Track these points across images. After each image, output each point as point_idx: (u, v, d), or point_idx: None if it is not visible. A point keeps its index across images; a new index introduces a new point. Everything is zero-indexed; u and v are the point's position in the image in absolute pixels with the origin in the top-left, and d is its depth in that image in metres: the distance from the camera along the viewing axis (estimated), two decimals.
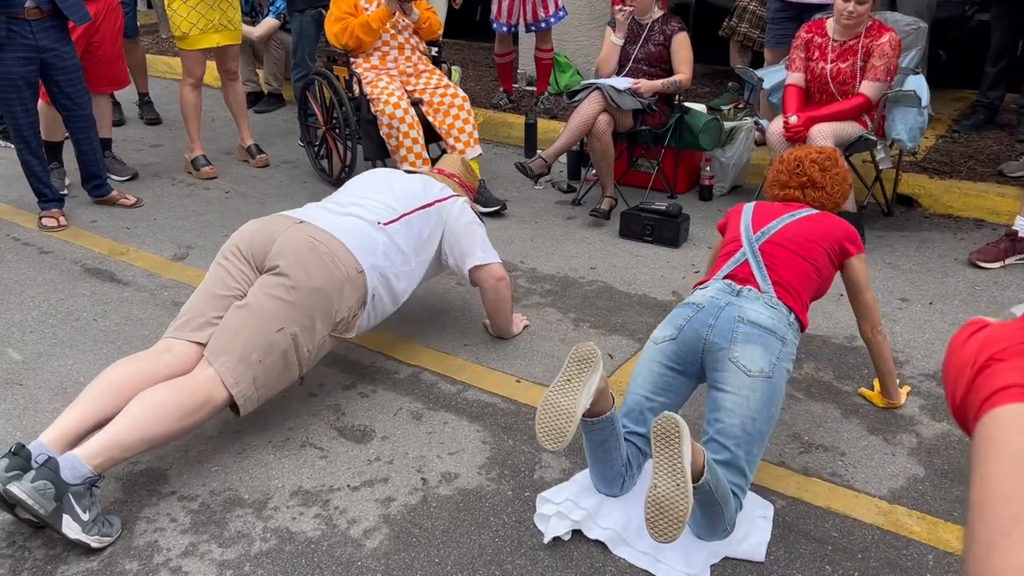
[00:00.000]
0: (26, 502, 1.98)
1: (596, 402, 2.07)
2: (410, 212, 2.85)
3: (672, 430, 1.87)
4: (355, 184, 2.99)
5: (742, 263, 2.35)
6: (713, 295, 2.25)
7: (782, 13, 4.66)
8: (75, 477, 2.06)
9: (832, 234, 2.40)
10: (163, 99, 6.47)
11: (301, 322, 2.46)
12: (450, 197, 3.00)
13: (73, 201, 4.53)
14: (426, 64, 4.60)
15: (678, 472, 1.84)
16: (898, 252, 3.91)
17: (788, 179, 2.56)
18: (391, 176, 3.02)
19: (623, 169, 4.69)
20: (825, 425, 2.63)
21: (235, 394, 2.34)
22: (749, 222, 2.45)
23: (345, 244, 2.62)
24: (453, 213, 2.96)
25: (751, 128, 4.65)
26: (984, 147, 4.92)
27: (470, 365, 2.99)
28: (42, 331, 3.23)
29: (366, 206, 2.81)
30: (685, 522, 1.82)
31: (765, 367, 2.10)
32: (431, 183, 3.02)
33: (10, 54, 3.85)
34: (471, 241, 2.94)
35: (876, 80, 3.76)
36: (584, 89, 4.24)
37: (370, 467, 2.45)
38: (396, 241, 2.76)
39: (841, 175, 2.55)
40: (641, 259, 3.88)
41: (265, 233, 2.59)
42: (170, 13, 4.69)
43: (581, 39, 6.41)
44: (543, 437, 1.97)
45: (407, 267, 2.80)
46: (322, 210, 2.78)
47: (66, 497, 2.04)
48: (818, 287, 2.39)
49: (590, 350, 2.05)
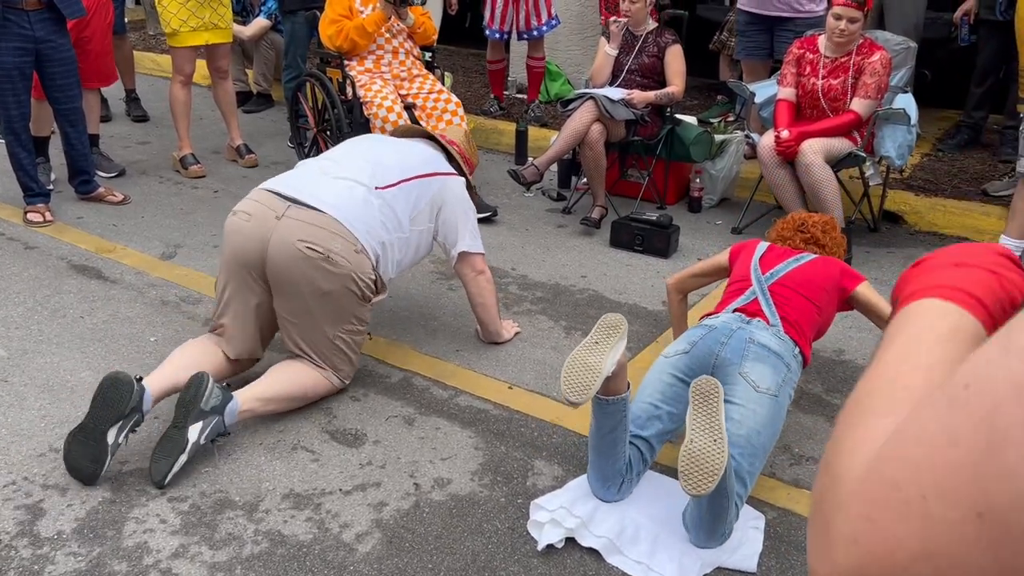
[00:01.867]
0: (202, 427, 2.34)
1: (616, 375, 2.11)
2: (411, 179, 2.82)
3: (712, 390, 1.95)
4: (360, 144, 2.95)
5: (752, 300, 2.45)
6: (725, 320, 2.35)
7: (752, 26, 4.72)
8: (229, 422, 2.42)
9: (830, 275, 2.52)
10: (150, 96, 6.41)
11: (337, 317, 2.63)
12: (454, 174, 2.99)
13: (59, 197, 4.48)
14: (420, 69, 4.60)
15: (716, 427, 1.90)
16: (884, 268, 3.96)
17: (792, 235, 2.70)
18: (398, 140, 3.04)
19: (614, 179, 4.71)
20: (815, 437, 2.65)
21: (343, 383, 2.76)
22: (758, 263, 2.56)
23: (340, 220, 2.58)
24: (455, 191, 2.94)
25: (741, 141, 4.70)
26: (968, 166, 4.99)
27: (462, 371, 2.98)
28: (28, 327, 3.19)
29: (364, 168, 2.76)
30: (719, 476, 1.86)
31: (772, 386, 2.17)
32: (437, 154, 3.02)
33: (5, 44, 3.81)
34: (464, 225, 2.93)
35: (867, 97, 3.81)
36: (578, 98, 4.26)
37: (362, 471, 2.44)
38: (393, 206, 2.73)
39: (839, 239, 2.72)
40: (631, 268, 3.90)
41: (255, 240, 2.56)
42: (160, 10, 4.65)
43: (573, 48, 6.43)
44: (568, 389, 2.01)
45: (402, 234, 2.77)
46: (317, 173, 2.74)
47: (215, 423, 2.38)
48: (820, 326, 2.50)
49: (619, 319, 2.13)
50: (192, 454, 2.35)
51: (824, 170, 3.77)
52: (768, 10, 4.57)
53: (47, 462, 2.43)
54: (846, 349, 3.20)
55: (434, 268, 3.84)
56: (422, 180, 2.84)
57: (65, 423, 2.60)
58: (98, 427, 2.29)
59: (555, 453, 2.54)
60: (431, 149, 3.05)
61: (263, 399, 2.55)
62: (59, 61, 4.02)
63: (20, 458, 2.45)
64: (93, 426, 2.29)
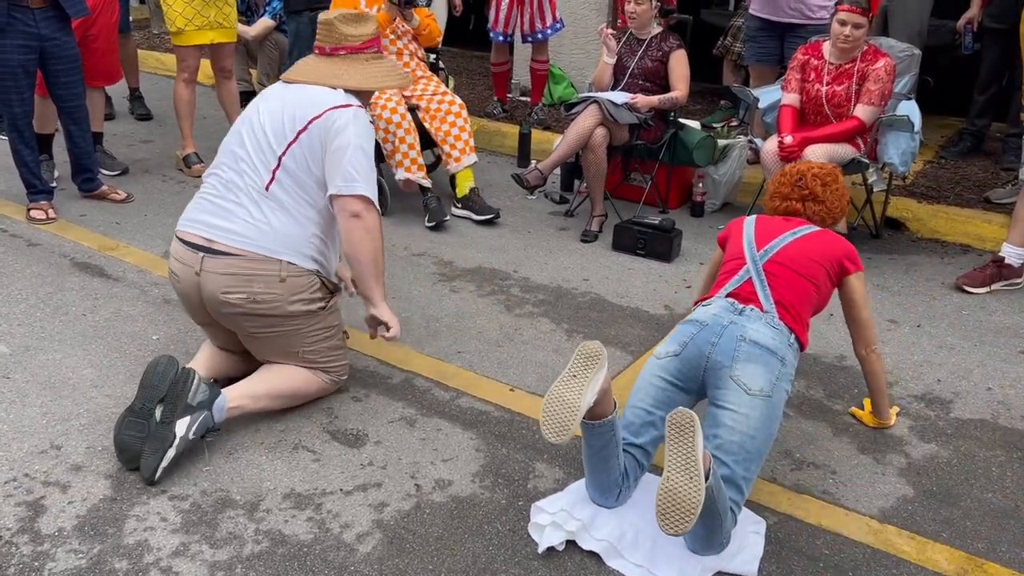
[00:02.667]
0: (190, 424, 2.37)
1: (599, 402, 2.08)
2: (284, 152, 2.53)
3: (687, 424, 1.89)
4: (238, 132, 2.64)
5: (745, 281, 2.38)
6: (716, 312, 2.28)
7: (763, 32, 4.72)
8: (218, 418, 2.46)
9: (832, 253, 2.45)
10: (153, 95, 6.42)
11: (298, 340, 2.62)
12: (329, 110, 2.54)
13: (62, 194, 4.48)
14: (424, 70, 4.61)
15: (691, 465, 1.86)
16: (886, 274, 3.96)
17: (790, 191, 2.60)
18: (271, 102, 2.62)
19: (617, 182, 4.72)
20: (816, 443, 2.65)
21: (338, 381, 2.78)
22: (752, 239, 2.48)
23: (254, 253, 2.48)
24: (332, 130, 2.53)
25: (744, 146, 4.70)
26: (970, 174, 4.99)
27: (463, 372, 2.98)
28: (30, 324, 3.19)
29: (246, 170, 2.55)
30: (696, 514, 1.83)
31: (765, 386, 2.13)
32: (318, 96, 2.58)
33: (10, 41, 3.82)
34: (336, 163, 2.52)
35: (871, 104, 3.82)
36: (581, 102, 4.26)
37: (363, 471, 2.44)
38: (285, 199, 2.53)
39: (840, 191, 2.60)
40: (634, 272, 3.90)
41: (193, 298, 2.58)
42: (165, 8, 4.66)
43: (576, 52, 6.44)
44: (547, 429, 1.99)
45: (315, 211, 2.57)
46: (214, 199, 2.56)
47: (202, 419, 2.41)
48: (817, 304, 2.44)
49: (596, 348, 2.08)
50: (181, 449, 2.35)
51: None
52: (779, 16, 4.58)
53: (48, 459, 2.43)
54: (847, 355, 3.20)
55: (436, 270, 3.84)
56: (295, 146, 2.53)
57: (67, 420, 2.61)
58: (145, 407, 2.36)
59: (556, 456, 2.54)
60: (317, 91, 2.61)
61: (253, 396, 2.57)
62: (63, 59, 4.03)
63: (22, 455, 2.45)
64: (140, 406, 2.36)
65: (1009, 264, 3.76)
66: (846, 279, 2.47)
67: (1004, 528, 2.31)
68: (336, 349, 2.72)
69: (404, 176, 4.31)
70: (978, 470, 2.55)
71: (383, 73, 2.75)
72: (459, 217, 4.47)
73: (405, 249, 4.06)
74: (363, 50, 2.70)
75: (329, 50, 2.69)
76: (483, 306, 3.50)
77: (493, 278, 3.78)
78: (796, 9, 4.53)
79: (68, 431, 2.56)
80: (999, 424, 2.80)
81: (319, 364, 2.69)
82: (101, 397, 2.74)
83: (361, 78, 2.68)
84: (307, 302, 2.57)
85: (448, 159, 4.45)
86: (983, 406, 2.90)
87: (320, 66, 2.69)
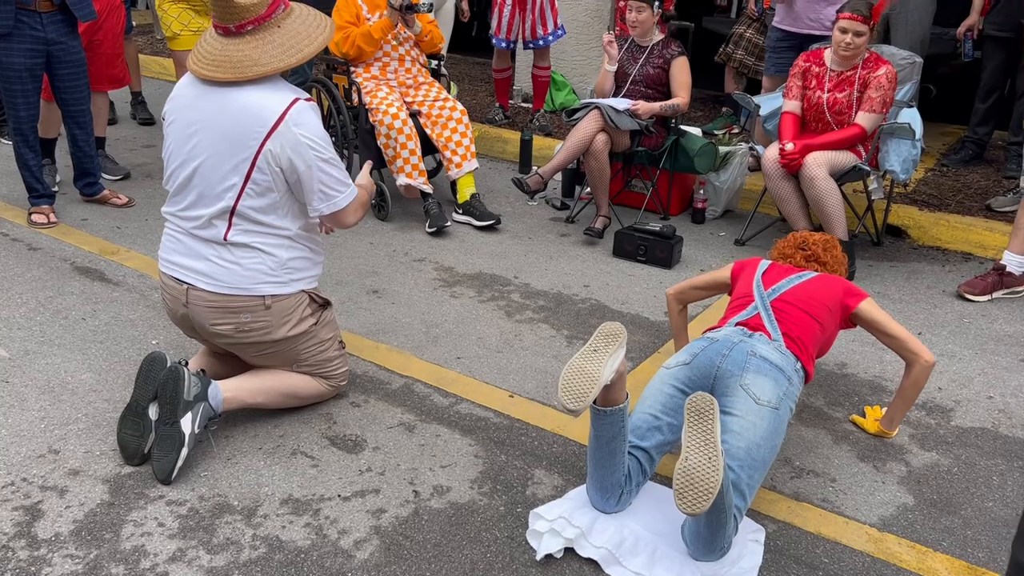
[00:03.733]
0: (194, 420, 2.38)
1: (614, 384, 2.10)
2: (237, 200, 2.39)
3: (707, 407, 1.92)
4: (178, 168, 2.45)
5: (754, 315, 2.46)
6: (727, 333, 2.36)
7: (783, 43, 4.73)
8: (216, 405, 2.45)
9: (834, 293, 2.53)
10: (156, 100, 6.43)
11: (293, 356, 2.61)
12: (271, 132, 2.33)
13: (64, 199, 4.49)
14: (426, 76, 4.61)
15: (711, 446, 1.88)
16: (888, 282, 3.95)
17: (793, 252, 2.71)
18: (203, 132, 2.38)
19: (618, 189, 4.72)
20: (816, 450, 2.65)
21: (338, 387, 2.77)
22: (760, 279, 2.56)
23: (231, 289, 2.43)
24: (285, 156, 2.36)
25: (745, 153, 4.70)
26: (972, 182, 4.99)
27: (463, 378, 2.98)
28: (30, 328, 3.19)
29: (199, 223, 2.43)
30: (714, 495, 1.84)
31: (773, 399, 2.17)
32: (251, 111, 2.33)
33: (17, 45, 3.84)
34: (308, 187, 2.42)
35: (872, 111, 3.81)
36: (583, 108, 4.27)
37: (361, 477, 2.43)
38: (250, 239, 2.43)
39: (840, 258, 2.72)
40: (634, 278, 3.89)
41: (185, 322, 2.57)
42: (160, 14, 4.66)
43: (578, 58, 6.45)
44: (565, 395, 2.00)
45: (287, 237, 2.47)
46: (184, 236, 2.48)
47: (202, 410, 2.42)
48: (823, 344, 2.50)
49: (618, 328, 2.11)
50: (192, 446, 2.38)
51: (828, 183, 3.76)
52: (800, 28, 4.62)
53: (46, 463, 2.43)
54: (848, 363, 3.19)
55: (436, 275, 3.84)
56: (253, 175, 2.36)
57: (66, 424, 2.60)
58: (139, 403, 2.40)
59: (555, 462, 2.53)
60: (251, 100, 2.35)
61: (251, 389, 2.57)
62: (70, 63, 4.04)
63: (20, 459, 2.44)
64: (135, 404, 2.41)
65: (1010, 272, 3.76)
66: (856, 312, 2.54)
67: (1005, 537, 2.30)
68: (334, 359, 2.71)
69: (405, 182, 4.31)
70: (979, 479, 2.54)
71: (301, 35, 2.40)
72: (460, 223, 4.47)
73: (406, 254, 4.06)
74: (271, 16, 2.36)
75: (235, 28, 2.33)
76: (483, 312, 3.50)
77: (493, 284, 3.77)
78: (816, 21, 4.57)
79: (66, 435, 2.56)
80: (1000, 433, 2.79)
81: (318, 373, 2.69)
82: (100, 401, 2.74)
83: (282, 54, 2.35)
84: (297, 322, 2.55)
85: (449, 165, 4.45)
86: (984, 414, 2.89)
87: (231, 51, 2.34)
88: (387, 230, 4.36)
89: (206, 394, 2.43)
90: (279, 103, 2.36)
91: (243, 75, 2.34)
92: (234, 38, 2.36)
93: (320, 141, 2.41)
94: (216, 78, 2.35)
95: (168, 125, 2.49)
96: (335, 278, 3.74)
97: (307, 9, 2.49)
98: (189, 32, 4.67)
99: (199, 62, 2.39)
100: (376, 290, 3.66)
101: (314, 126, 2.40)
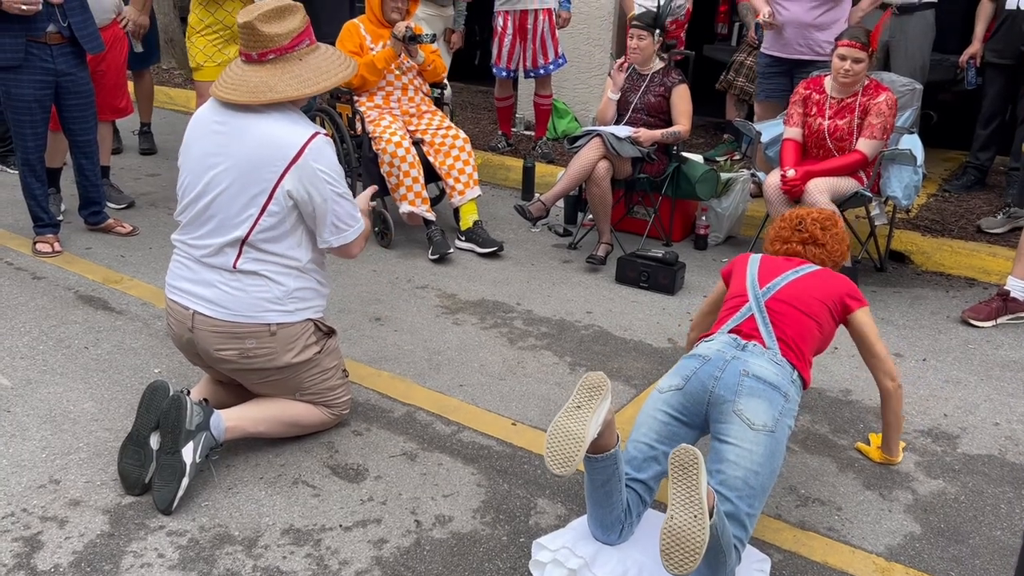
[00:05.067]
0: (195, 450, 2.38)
1: (603, 434, 2.06)
2: (250, 231, 2.42)
3: (690, 461, 1.86)
4: (194, 197, 2.47)
5: (748, 318, 2.38)
6: (719, 348, 2.27)
7: (773, 68, 4.76)
8: (217, 435, 2.45)
9: (834, 291, 2.45)
10: (162, 129, 6.49)
11: (296, 384, 2.61)
12: (290, 166, 2.39)
13: (68, 228, 4.51)
14: (429, 105, 4.65)
15: (695, 503, 1.83)
16: (891, 308, 3.94)
17: (790, 235, 2.62)
18: (219, 155, 2.42)
19: (620, 215, 4.73)
20: (821, 478, 2.62)
21: (341, 415, 2.77)
22: (755, 277, 2.48)
23: (238, 316, 2.44)
24: (302, 191, 2.42)
25: (747, 180, 4.71)
26: (974, 207, 4.99)
27: (465, 406, 2.97)
28: (32, 357, 3.19)
29: (210, 250, 2.46)
30: (701, 554, 1.80)
31: (768, 422, 2.12)
32: (270, 142, 2.38)
33: (27, 76, 3.89)
34: (322, 218, 2.47)
35: (873, 138, 3.83)
36: (585, 135, 4.29)
37: (363, 507, 2.42)
38: (258, 267, 2.46)
39: (840, 235, 2.62)
40: (637, 305, 3.89)
41: (190, 348, 2.57)
42: (188, 46, 4.73)
43: (579, 87, 6.50)
44: (551, 461, 1.97)
45: (295, 267, 2.50)
46: (192, 262, 2.50)
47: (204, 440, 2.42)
48: (820, 343, 2.43)
49: (600, 379, 2.06)
50: (192, 476, 2.37)
51: (830, 209, 3.76)
52: (789, 53, 4.63)
53: (47, 493, 2.42)
54: (853, 389, 3.17)
55: (439, 302, 3.84)
56: (269, 207, 2.41)
57: (66, 454, 2.59)
58: (140, 433, 2.40)
59: (558, 492, 2.51)
60: (271, 129, 2.41)
61: (253, 418, 2.56)
62: (78, 94, 4.09)
63: (20, 489, 2.43)
64: (136, 433, 2.41)
65: (1015, 298, 3.75)
66: (852, 317, 2.47)
67: (1013, 566, 2.27)
68: (336, 388, 2.70)
69: (408, 209, 4.33)
70: (986, 507, 2.52)
71: (321, 70, 2.48)
72: (463, 250, 4.48)
73: (408, 282, 4.07)
74: (294, 48, 2.44)
75: (257, 56, 2.42)
76: (486, 339, 3.49)
77: (496, 311, 3.77)
78: (805, 46, 4.58)
79: (67, 465, 2.55)
80: (1007, 460, 2.76)
81: (320, 401, 2.68)
82: (101, 431, 2.73)
83: (298, 84, 2.43)
84: (302, 350, 2.56)
85: (452, 192, 4.47)
86: (991, 441, 2.87)
87: (249, 76, 2.42)
88: (390, 257, 4.37)
89: (208, 423, 2.42)
90: (299, 136, 2.41)
91: (256, 99, 2.39)
92: (255, 65, 2.44)
93: (336, 176, 2.47)
94: (231, 100, 2.41)
95: (184, 151, 2.54)
96: (338, 306, 3.75)
97: (333, 50, 2.57)
98: (213, 64, 4.73)
99: (219, 86, 2.47)
100: (379, 317, 3.66)
101: (332, 161, 2.46)
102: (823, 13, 4.49)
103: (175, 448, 2.34)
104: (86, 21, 4.01)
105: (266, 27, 2.39)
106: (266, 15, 2.40)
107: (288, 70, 2.43)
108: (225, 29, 4.61)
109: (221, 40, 4.69)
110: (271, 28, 2.39)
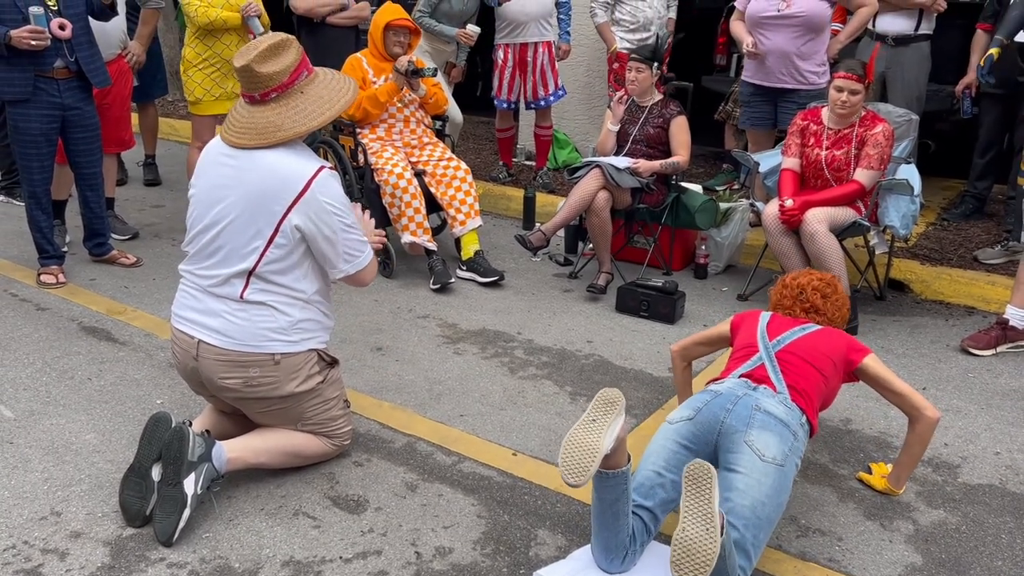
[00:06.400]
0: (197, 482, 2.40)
1: (615, 451, 2.09)
2: (257, 262, 2.46)
3: (704, 475, 1.90)
4: (202, 230, 2.52)
5: (759, 366, 2.45)
6: (731, 386, 2.34)
7: (757, 96, 4.81)
8: (219, 466, 2.47)
9: (837, 347, 2.52)
10: (166, 160, 6.55)
11: (298, 414, 2.63)
12: (297, 201, 2.43)
13: (72, 259, 4.55)
14: (430, 137, 4.70)
15: (708, 517, 1.86)
16: (891, 336, 3.95)
17: (792, 304, 2.70)
18: (227, 190, 2.46)
19: (620, 245, 4.76)
20: (822, 508, 2.62)
21: (342, 446, 2.78)
22: (765, 329, 2.56)
23: (243, 346, 2.47)
24: (309, 225, 2.45)
25: (746, 209, 4.75)
26: (973, 236, 5.02)
27: (466, 436, 2.97)
28: (35, 389, 3.21)
29: (217, 281, 2.49)
30: (711, 567, 1.82)
31: (778, 455, 2.15)
32: (278, 176, 2.42)
33: (35, 111, 3.95)
34: (332, 250, 2.51)
35: (870, 168, 3.86)
36: (585, 166, 4.34)
37: (363, 538, 2.42)
38: (265, 297, 2.49)
39: (841, 300, 2.69)
40: (638, 334, 3.90)
41: (194, 377, 2.60)
42: (185, 79, 4.80)
43: (579, 118, 6.57)
44: (566, 471, 1.99)
45: (301, 299, 2.52)
46: (199, 292, 2.54)
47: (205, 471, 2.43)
48: (826, 396, 2.49)
49: (616, 395, 2.10)
50: (194, 507, 2.37)
51: (828, 238, 3.79)
52: (772, 82, 4.67)
53: (48, 525, 2.42)
54: (853, 419, 3.18)
55: (440, 332, 3.85)
56: (276, 239, 2.44)
57: (68, 486, 2.60)
58: (142, 464, 2.41)
59: (559, 522, 2.51)
60: (277, 166, 2.44)
61: (254, 449, 2.58)
62: (85, 127, 4.15)
63: (21, 521, 2.44)
64: (138, 465, 2.42)
65: (1014, 326, 3.76)
66: (860, 367, 2.53)
67: None
68: (338, 419, 2.72)
69: (410, 240, 4.36)
70: (987, 537, 2.51)
71: (323, 99, 2.50)
72: (464, 279, 4.51)
73: (410, 311, 4.09)
74: (293, 83, 2.47)
75: (260, 96, 2.46)
76: (486, 369, 3.51)
77: (497, 340, 3.79)
78: (788, 74, 4.62)
79: (69, 497, 2.56)
80: (1008, 489, 2.76)
81: (321, 431, 2.69)
82: (103, 463, 2.74)
83: (304, 119, 2.46)
84: (305, 379, 2.58)
85: (453, 222, 4.51)
86: (991, 471, 2.86)
87: (256, 118, 2.46)
88: (392, 287, 4.40)
89: (210, 455, 2.43)
90: (305, 170, 2.46)
91: (267, 141, 2.45)
92: (260, 106, 2.48)
93: (344, 208, 2.52)
94: (243, 145, 2.47)
95: (195, 182, 2.59)
96: (340, 336, 3.76)
97: (331, 73, 2.59)
98: (211, 98, 4.80)
99: (228, 130, 2.52)
100: (380, 347, 3.68)
101: (338, 193, 2.51)
102: (806, 43, 4.55)
103: (177, 480, 2.35)
104: (93, 56, 4.08)
105: (263, 67, 2.42)
106: (262, 55, 2.42)
107: (292, 105, 2.47)
108: (223, 63, 4.68)
109: (219, 73, 4.76)
110: (268, 68, 2.42)
